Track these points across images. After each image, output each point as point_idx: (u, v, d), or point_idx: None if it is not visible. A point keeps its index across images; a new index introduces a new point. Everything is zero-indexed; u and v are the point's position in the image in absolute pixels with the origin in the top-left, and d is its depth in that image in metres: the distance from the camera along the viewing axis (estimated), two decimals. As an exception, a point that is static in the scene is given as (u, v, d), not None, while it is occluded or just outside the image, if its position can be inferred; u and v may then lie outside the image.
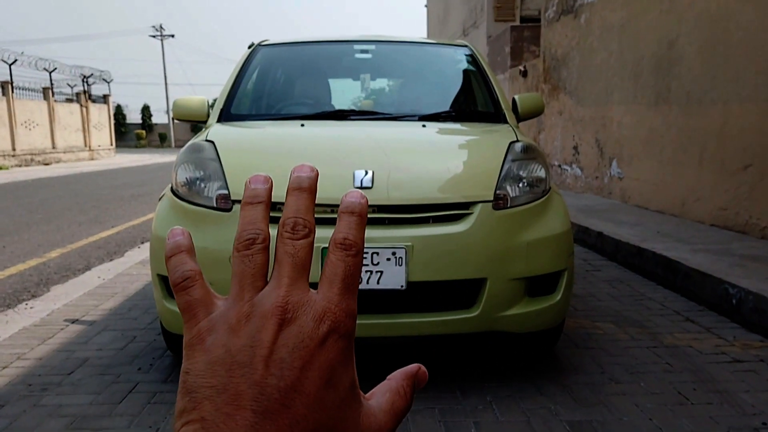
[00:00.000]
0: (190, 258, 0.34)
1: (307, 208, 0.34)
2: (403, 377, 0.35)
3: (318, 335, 0.30)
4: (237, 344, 0.30)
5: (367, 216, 0.34)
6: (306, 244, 0.32)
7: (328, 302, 0.31)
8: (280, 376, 0.29)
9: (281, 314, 0.30)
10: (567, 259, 2.56)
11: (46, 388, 2.55)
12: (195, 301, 0.32)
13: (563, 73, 8.94)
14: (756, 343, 3.03)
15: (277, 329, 0.30)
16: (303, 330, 0.30)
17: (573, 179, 8.69)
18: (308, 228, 0.33)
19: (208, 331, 0.31)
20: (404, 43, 3.91)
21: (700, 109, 5.51)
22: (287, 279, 0.32)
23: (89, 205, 9.29)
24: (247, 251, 0.32)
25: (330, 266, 0.32)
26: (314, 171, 0.35)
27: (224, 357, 0.30)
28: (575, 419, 2.26)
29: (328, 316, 0.31)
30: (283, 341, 0.30)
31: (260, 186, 0.35)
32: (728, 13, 5.07)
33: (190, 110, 3.39)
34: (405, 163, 2.54)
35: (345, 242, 0.33)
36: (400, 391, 0.34)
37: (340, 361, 0.31)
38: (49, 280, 4.52)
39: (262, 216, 0.33)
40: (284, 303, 0.31)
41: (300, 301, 0.31)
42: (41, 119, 22.71)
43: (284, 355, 0.30)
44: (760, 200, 4.76)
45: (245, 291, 0.32)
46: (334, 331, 0.31)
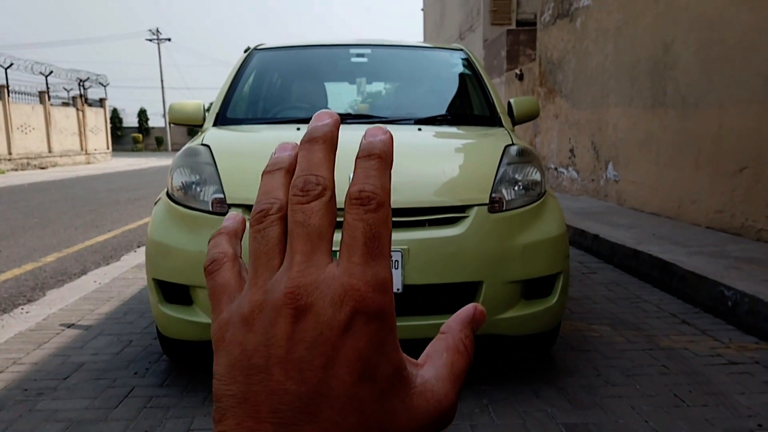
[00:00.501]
0: (227, 240, 0.30)
1: (320, 161, 0.28)
2: (461, 327, 0.30)
3: (339, 322, 0.25)
4: (252, 342, 0.26)
5: (392, 158, 0.28)
6: (320, 206, 0.27)
7: (348, 277, 0.26)
8: (300, 380, 0.25)
9: (293, 303, 0.25)
10: (563, 261, 2.57)
11: (42, 393, 2.54)
12: (218, 286, 0.29)
13: (559, 77, 8.96)
14: (751, 345, 3.04)
15: (291, 322, 0.25)
16: (321, 319, 0.25)
17: (569, 182, 8.71)
18: (322, 185, 0.27)
19: (226, 325, 0.27)
20: (400, 47, 3.93)
21: (696, 112, 5.53)
22: (299, 255, 0.26)
23: (85, 209, 9.28)
24: (260, 225, 0.28)
25: (347, 230, 0.27)
26: (334, 117, 0.30)
27: (241, 358, 0.26)
28: (571, 422, 2.26)
29: (349, 294, 0.25)
30: (299, 336, 0.25)
31: (286, 153, 0.30)
32: (724, 16, 5.10)
33: (186, 114, 3.39)
34: (401, 167, 2.54)
35: (361, 195, 0.27)
36: (459, 347, 0.29)
37: (374, 347, 0.26)
38: (45, 285, 4.51)
39: (280, 183, 0.29)
40: (295, 288, 0.26)
41: (314, 282, 0.26)
42: (37, 123, 22.69)
43: (302, 353, 0.25)
44: (755, 202, 4.77)
45: (259, 274, 0.27)
46: (359, 312, 0.25)
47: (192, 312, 2.39)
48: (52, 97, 24.14)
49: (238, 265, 0.29)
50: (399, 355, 0.27)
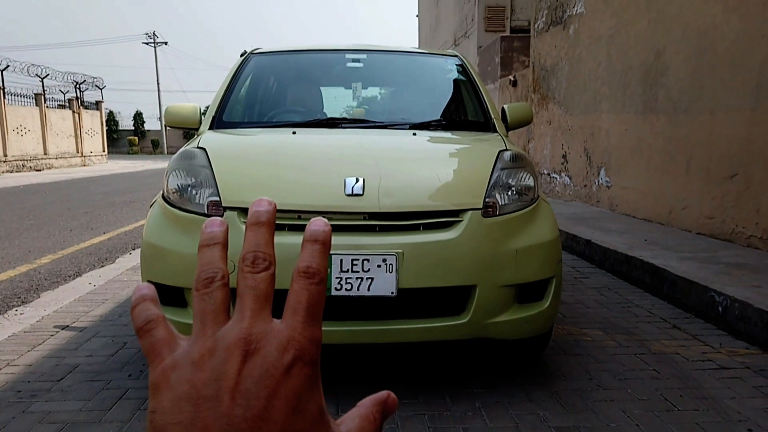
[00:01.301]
0: (153, 305, 0.34)
1: (267, 241, 0.34)
2: (373, 404, 0.35)
3: (283, 364, 0.30)
4: (202, 378, 0.30)
5: (330, 244, 0.35)
6: (267, 277, 0.33)
7: (292, 331, 0.31)
8: (246, 406, 0.29)
9: (245, 345, 0.31)
10: (555, 266, 2.59)
11: (36, 395, 2.54)
12: (158, 341, 0.32)
13: (552, 83, 9.01)
14: (742, 350, 3.07)
15: (241, 360, 0.30)
16: (268, 359, 0.30)
17: (562, 187, 8.75)
18: (268, 261, 0.33)
19: (172, 368, 0.31)
20: (395, 52, 3.95)
21: (687, 119, 5.58)
22: (249, 311, 0.32)
23: (81, 212, 9.26)
24: (207, 289, 0.33)
25: (293, 295, 0.32)
26: (272, 205, 0.35)
27: (190, 392, 0.30)
28: (563, 425, 2.28)
29: (292, 344, 0.31)
30: (248, 372, 0.30)
31: (216, 229, 0.35)
32: (715, 24, 5.15)
33: (182, 117, 3.41)
34: (395, 171, 2.57)
35: (308, 270, 0.33)
36: (369, 417, 0.34)
37: (306, 388, 0.31)
38: (40, 287, 4.51)
39: (219, 256, 0.34)
40: (247, 334, 0.31)
41: (263, 331, 0.31)
42: (33, 125, 22.62)
43: (250, 385, 0.30)
44: (745, 209, 4.82)
45: (207, 327, 0.32)
46: (299, 359, 0.31)
47: (186, 314, 2.40)
48: (48, 100, 24.07)
49: (169, 324, 0.34)
50: (322, 400, 0.32)
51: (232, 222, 2.36)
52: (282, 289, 0.32)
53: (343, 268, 2.25)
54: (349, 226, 2.37)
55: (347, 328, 2.33)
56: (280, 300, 0.31)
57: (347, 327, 2.34)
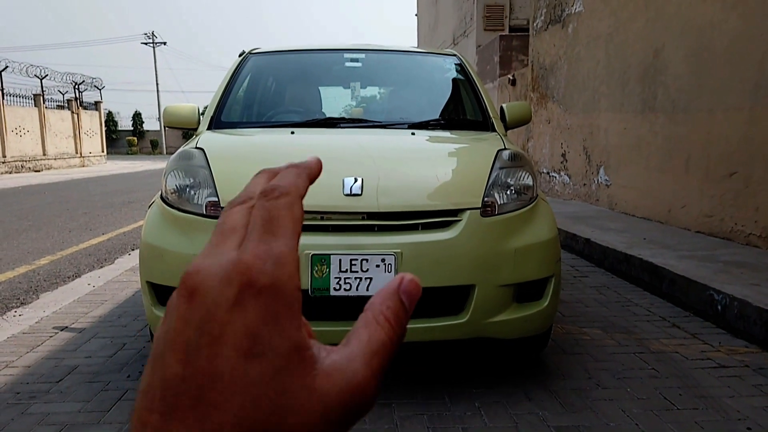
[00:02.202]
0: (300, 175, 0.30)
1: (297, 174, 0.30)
2: (382, 299, 0.28)
3: (226, 298, 0.24)
4: (162, 331, 0.25)
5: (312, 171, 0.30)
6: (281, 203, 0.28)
7: (239, 253, 0.25)
8: (185, 361, 0.24)
9: (186, 288, 0.25)
10: (554, 265, 2.59)
11: (34, 396, 2.54)
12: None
13: (551, 82, 9.01)
14: (741, 348, 3.07)
15: (184, 304, 0.25)
16: (208, 297, 0.24)
17: (561, 186, 8.75)
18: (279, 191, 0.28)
19: None
20: (394, 51, 3.95)
21: (686, 117, 5.58)
22: (210, 246, 0.27)
23: (79, 212, 9.25)
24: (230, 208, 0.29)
25: (251, 220, 0.27)
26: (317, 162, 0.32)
27: (154, 350, 0.26)
28: (563, 424, 2.28)
29: (237, 269, 0.25)
30: (188, 317, 0.24)
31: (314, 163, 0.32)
32: (713, 22, 5.15)
33: (180, 117, 3.41)
34: (394, 171, 2.57)
35: (266, 189, 0.28)
36: (378, 319, 0.27)
37: (266, 322, 0.24)
38: (39, 288, 4.51)
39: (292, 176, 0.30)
40: (194, 269, 0.25)
41: (212, 265, 0.25)
42: (32, 126, 22.61)
43: (190, 334, 0.24)
44: (744, 207, 4.82)
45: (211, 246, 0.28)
46: (248, 286, 0.24)
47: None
48: (47, 100, 24.07)
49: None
50: (299, 333, 0.25)
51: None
52: None
53: (342, 268, 2.25)
54: (348, 226, 2.37)
55: (346, 329, 2.32)
56: None
57: (346, 327, 2.33)
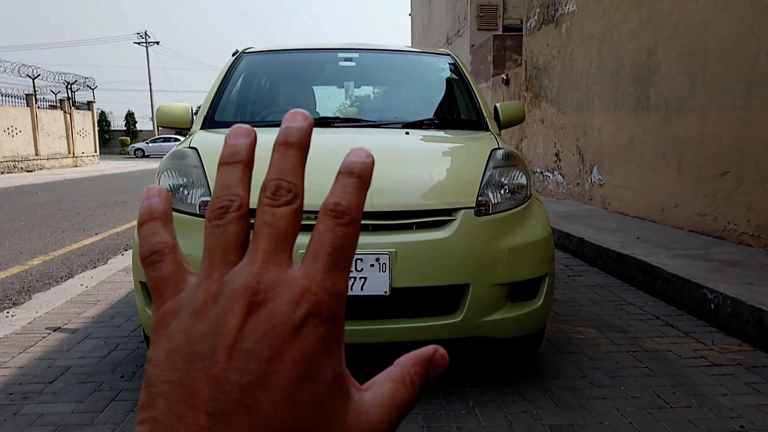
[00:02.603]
0: (163, 227, 0.29)
1: (294, 167, 0.28)
2: (413, 362, 0.29)
3: (293, 320, 0.26)
4: (200, 330, 0.26)
5: (370, 179, 0.29)
6: (289, 212, 0.27)
7: (308, 281, 0.26)
8: (243, 370, 0.25)
9: (251, 296, 0.26)
10: (548, 264, 2.60)
11: (27, 397, 2.53)
12: (163, 278, 0.28)
13: (545, 82, 9.03)
14: (734, 347, 3.08)
15: (245, 314, 0.26)
16: (275, 314, 0.26)
17: (555, 186, 8.77)
18: (293, 192, 0.28)
19: (173, 314, 0.27)
20: (388, 51, 3.95)
21: (679, 117, 5.60)
22: (262, 254, 0.27)
23: (72, 212, 9.21)
24: (219, 221, 0.28)
25: (316, 237, 0.27)
26: (308, 119, 0.30)
27: (185, 345, 0.26)
28: (557, 423, 2.29)
29: (306, 297, 0.26)
30: (250, 328, 0.26)
31: (241, 141, 0.30)
32: (706, 23, 5.17)
33: (173, 117, 3.39)
34: (388, 170, 2.56)
35: (336, 208, 0.27)
36: (405, 379, 0.28)
37: (320, 350, 0.26)
38: (31, 288, 4.48)
39: (239, 178, 0.29)
40: (255, 282, 0.26)
41: (275, 280, 0.26)
42: (24, 126, 22.50)
43: (250, 345, 0.25)
44: (737, 206, 4.84)
45: (215, 267, 0.27)
46: (313, 315, 0.26)
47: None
48: (40, 100, 23.95)
49: (179, 255, 0.29)
50: (342, 363, 0.27)
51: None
52: None
53: (336, 267, 2.24)
54: (342, 225, 2.36)
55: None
56: None
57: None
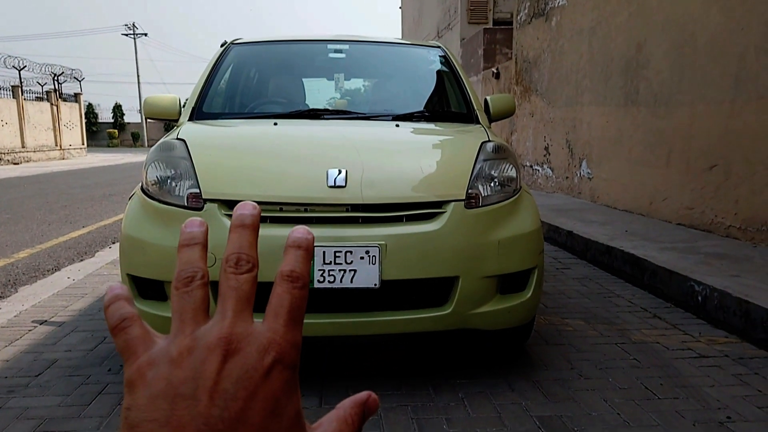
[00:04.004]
0: (128, 304, 0.34)
1: (250, 243, 0.34)
2: (352, 405, 0.35)
3: (263, 366, 0.31)
4: (180, 377, 0.30)
5: (312, 251, 0.35)
6: (249, 278, 0.33)
7: (273, 333, 0.32)
8: (224, 407, 0.29)
9: (225, 345, 0.31)
10: (537, 257, 2.60)
11: (13, 390, 2.50)
12: (133, 339, 0.32)
13: (535, 75, 9.04)
14: (721, 338, 3.11)
15: (221, 360, 0.30)
16: (248, 361, 0.31)
17: (544, 179, 8.80)
18: (251, 263, 0.33)
19: (148, 366, 0.31)
20: (378, 43, 3.93)
21: (668, 111, 5.63)
22: (231, 312, 0.32)
23: (59, 205, 9.13)
24: (187, 288, 0.33)
25: (276, 298, 0.33)
26: (257, 209, 0.36)
27: (167, 390, 0.30)
28: (545, 414, 2.30)
29: (273, 347, 0.31)
30: (227, 372, 0.30)
31: (196, 229, 0.36)
32: (694, 17, 5.19)
33: (161, 108, 3.36)
34: (378, 163, 2.56)
35: (292, 275, 0.33)
36: (347, 419, 0.34)
37: (285, 392, 0.31)
38: (17, 281, 4.44)
39: (199, 256, 0.35)
40: (228, 334, 0.31)
41: (245, 332, 0.31)
42: (10, 118, 22.23)
43: (228, 386, 0.30)
44: (724, 200, 4.88)
45: (186, 325, 0.32)
46: (278, 362, 0.31)
47: (166, 308, 2.38)
48: (26, 92, 23.66)
49: (144, 323, 0.34)
50: (299, 404, 0.32)
51: (212, 214, 2.34)
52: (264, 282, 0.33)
53: (326, 260, 2.24)
54: (332, 218, 2.36)
55: (330, 321, 2.32)
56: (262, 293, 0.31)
57: (330, 319, 2.33)
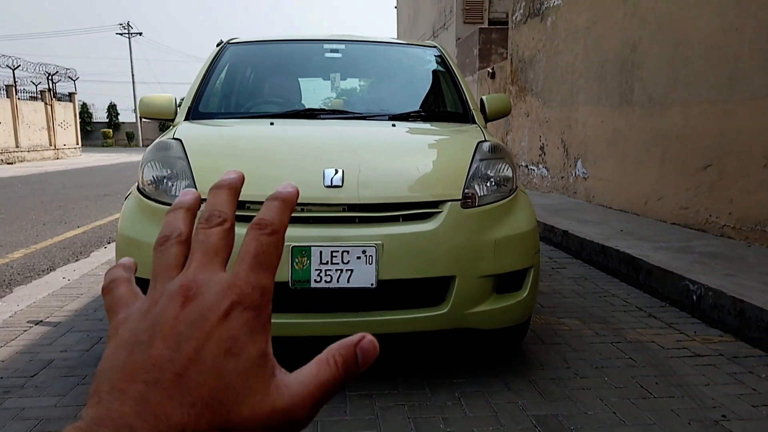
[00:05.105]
0: (123, 270, 0.36)
1: (224, 202, 0.35)
2: (338, 347, 0.34)
3: (220, 308, 0.31)
4: (143, 325, 0.31)
5: (293, 204, 0.35)
6: (219, 231, 0.34)
7: (234, 278, 0.32)
8: (176, 348, 0.30)
9: (185, 292, 0.31)
10: (533, 256, 2.61)
11: (9, 391, 2.50)
12: (117, 298, 0.34)
13: (530, 75, 9.06)
14: (715, 337, 3.12)
15: (179, 307, 0.31)
16: (204, 304, 0.31)
17: (539, 179, 8.81)
18: (222, 217, 0.34)
19: (123, 322, 0.32)
20: (374, 42, 3.93)
21: (662, 111, 5.65)
22: (196, 262, 0.33)
23: (54, 205, 9.10)
24: (161, 247, 0.34)
25: (243, 246, 0.33)
26: (238, 173, 0.37)
27: (129, 338, 0.31)
28: (541, 413, 2.30)
29: (232, 289, 0.31)
30: (183, 317, 0.31)
31: (186, 197, 0.37)
32: (689, 18, 5.21)
33: (157, 108, 3.35)
34: (375, 162, 2.56)
35: (261, 222, 0.33)
36: (329, 360, 0.33)
37: (244, 332, 0.31)
38: (12, 281, 4.42)
39: (181, 218, 0.36)
40: (189, 282, 0.32)
41: (207, 279, 0.32)
42: (4, 117, 22.13)
43: (183, 329, 0.30)
44: (719, 199, 4.90)
45: (158, 281, 0.33)
46: (238, 304, 0.31)
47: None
48: (20, 91, 23.56)
49: (133, 284, 0.35)
50: (266, 345, 0.32)
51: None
52: None
53: (323, 260, 2.24)
54: (329, 217, 2.36)
55: (327, 320, 2.32)
56: None
57: (327, 319, 2.33)
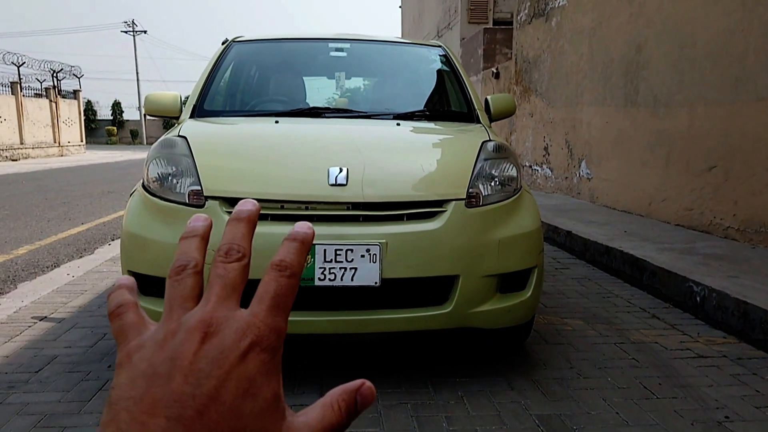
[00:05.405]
0: (129, 293, 0.36)
1: (243, 235, 0.35)
2: (341, 393, 0.35)
3: (239, 348, 0.31)
4: (160, 357, 0.31)
5: (310, 245, 0.35)
6: (238, 267, 0.34)
7: (253, 317, 0.32)
8: (196, 384, 0.30)
9: (205, 328, 0.31)
10: (537, 256, 2.61)
11: (13, 386, 2.51)
12: (127, 324, 0.34)
13: (535, 75, 9.05)
14: (719, 339, 3.12)
15: (199, 342, 0.31)
16: (224, 342, 0.31)
17: (543, 179, 8.81)
18: (242, 252, 0.34)
19: (136, 349, 0.32)
20: (379, 42, 3.93)
21: (667, 112, 5.64)
22: (215, 297, 0.33)
23: (58, 202, 9.12)
24: (178, 276, 0.34)
25: (262, 285, 0.33)
26: (256, 206, 0.37)
27: (147, 370, 0.31)
28: (545, 413, 2.30)
29: (251, 329, 0.32)
30: (204, 353, 0.31)
31: (198, 223, 0.37)
32: (695, 18, 5.20)
33: (162, 106, 3.36)
34: (379, 161, 2.56)
35: (281, 264, 0.34)
36: (333, 406, 0.34)
37: (261, 373, 0.32)
38: (17, 277, 4.44)
39: (195, 247, 0.36)
40: (209, 318, 0.32)
41: (226, 316, 0.32)
42: (9, 114, 22.20)
43: (203, 365, 0.31)
44: (723, 201, 4.89)
45: (174, 311, 0.33)
46: (256, 345, 0.32)
47: (168, 304, 2.38)
48: (25, 88, 23.61)
49: (140, 310, 0.35)
50: (279, 387, 0.33)
51: (213, 211, 2.34)
52: None
53: (327, 258, 2.24)
54: (333, 216, 2.36)
55: (331, 318, 2.33)
56: None
57: (331, 317, 2.33)
